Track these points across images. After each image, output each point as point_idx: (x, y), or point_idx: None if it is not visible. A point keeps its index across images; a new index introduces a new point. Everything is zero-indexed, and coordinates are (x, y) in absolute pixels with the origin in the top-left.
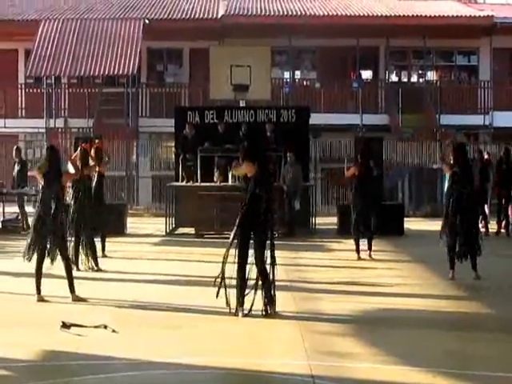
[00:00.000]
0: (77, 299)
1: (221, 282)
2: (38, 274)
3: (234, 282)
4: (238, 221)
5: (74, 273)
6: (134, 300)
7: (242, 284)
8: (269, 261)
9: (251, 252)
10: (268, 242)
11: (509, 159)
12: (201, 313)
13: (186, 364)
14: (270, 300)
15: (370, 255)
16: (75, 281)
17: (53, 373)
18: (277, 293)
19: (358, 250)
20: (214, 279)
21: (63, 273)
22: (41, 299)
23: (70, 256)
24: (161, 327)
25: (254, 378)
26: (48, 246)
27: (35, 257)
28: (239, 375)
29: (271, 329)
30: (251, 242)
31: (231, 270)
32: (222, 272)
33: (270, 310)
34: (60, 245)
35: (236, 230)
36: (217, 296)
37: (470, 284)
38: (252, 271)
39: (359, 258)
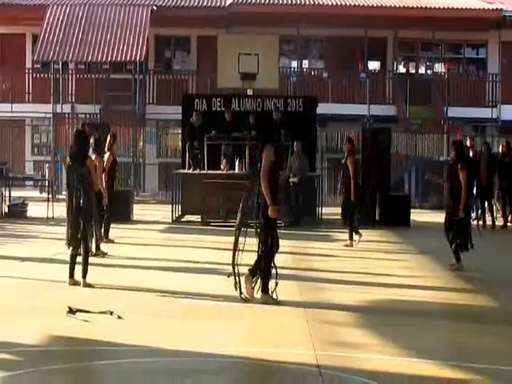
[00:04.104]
0: (86, 285)
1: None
2: (73, 260)
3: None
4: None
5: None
6: (141, 287)
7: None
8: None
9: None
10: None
11: (510, 152)
12: (208, 301)
13: (191, 352)
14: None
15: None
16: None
17: (61, 358)
18: (283, 282)
19: (351, 237)
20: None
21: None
22: (74, 283)
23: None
24: (168, 315)
25: (260, 367)
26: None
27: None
28: (245, 364)
29: (277, 318)
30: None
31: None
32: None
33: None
34: (84, 229)
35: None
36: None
37: (477, 276)
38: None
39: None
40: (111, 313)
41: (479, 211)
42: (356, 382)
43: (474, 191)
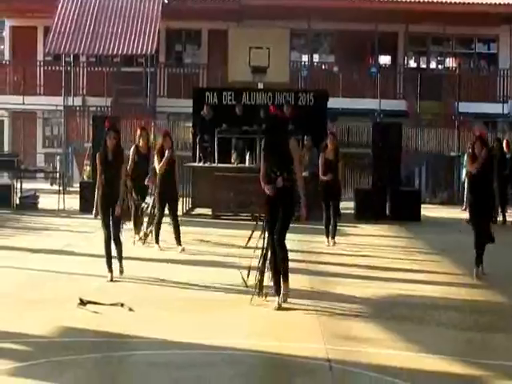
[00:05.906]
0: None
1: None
2: (108, 254)
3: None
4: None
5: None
6: (152, 279)
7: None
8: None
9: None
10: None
11: None
12: (219, 294)
13: (202, 344)
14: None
15: (333, 243)
16: (97, 259)
17: (71, 349)
18: (293, 276)
19: (327, 236)
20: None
21: (80, 251)
22: (111, 279)
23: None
24: (179, 307)
25: (270, 361)
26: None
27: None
28: (255, 357)
29: (287, 312)
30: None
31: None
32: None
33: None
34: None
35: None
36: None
37: (487, 272)
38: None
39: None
40: (122, 305)
41: None
42: (366, 377)
43: None
